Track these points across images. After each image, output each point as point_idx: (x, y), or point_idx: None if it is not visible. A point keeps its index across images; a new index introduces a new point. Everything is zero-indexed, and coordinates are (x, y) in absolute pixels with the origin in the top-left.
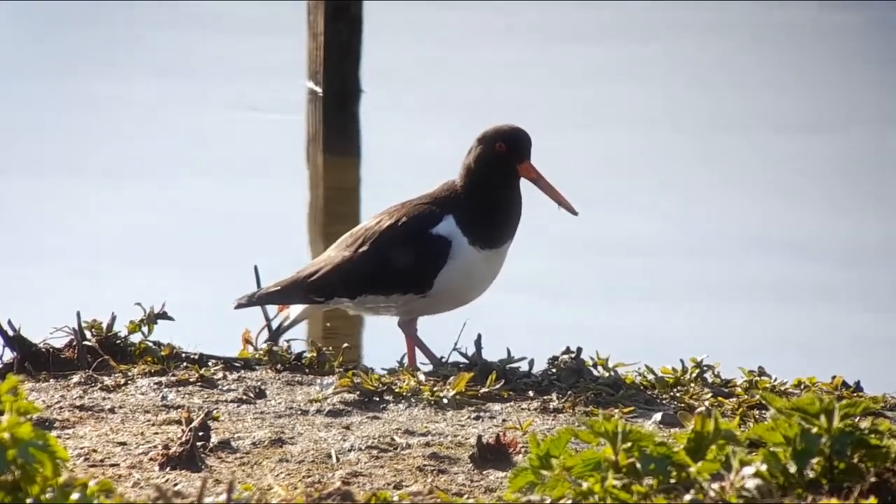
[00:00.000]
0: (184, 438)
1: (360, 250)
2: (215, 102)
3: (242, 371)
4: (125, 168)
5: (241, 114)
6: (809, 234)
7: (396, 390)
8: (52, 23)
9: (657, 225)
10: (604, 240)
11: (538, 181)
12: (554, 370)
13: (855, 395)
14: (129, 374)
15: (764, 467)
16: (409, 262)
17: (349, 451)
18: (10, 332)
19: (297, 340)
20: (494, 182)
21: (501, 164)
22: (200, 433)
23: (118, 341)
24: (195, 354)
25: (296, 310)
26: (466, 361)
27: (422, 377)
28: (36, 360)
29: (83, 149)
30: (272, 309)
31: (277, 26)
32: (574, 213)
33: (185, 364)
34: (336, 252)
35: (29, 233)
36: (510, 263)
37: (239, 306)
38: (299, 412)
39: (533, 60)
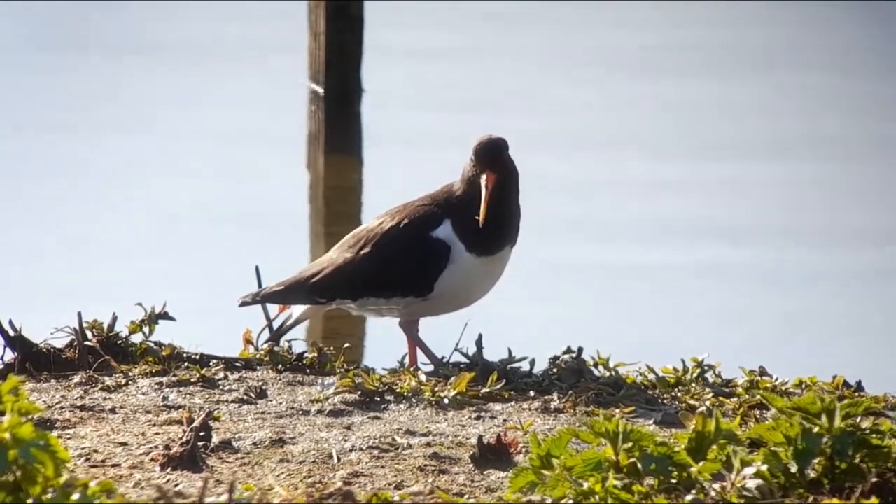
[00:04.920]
0: (185, 439)
1: (362, 252)
2: (215, 102)
3: (243, 371)
4: (125, 168)
5: (241, 113)
6: (814, 226)
7: (397, 390)
8: (51, 17)
9: (656, 224)
10: (604, 239)
11: (482, 189)
12: (555, 370)
13: (856, 394)
14: (130, 374)
15: (765, 467)
16: (410, 264)
17: (350, 451)
18: (11, 333)
19: (298, 340)
20: (475, 191)
21: (475, 173)
22: (201, 433)
23: (119, 341)
24: (196, 355)
25: (297, 310)
26: (467, 361)
27: (423, 377)
28: (37, 361)
29: (83, 148)
30: (273, 309)
31: (278, 26)
32: (480, 224)
33: (186, 364)
34: (338, 253)
35: (30, 233)
36: (513, 264)
37: (243, 304)
38: (300, 412)
39: (536, 58)
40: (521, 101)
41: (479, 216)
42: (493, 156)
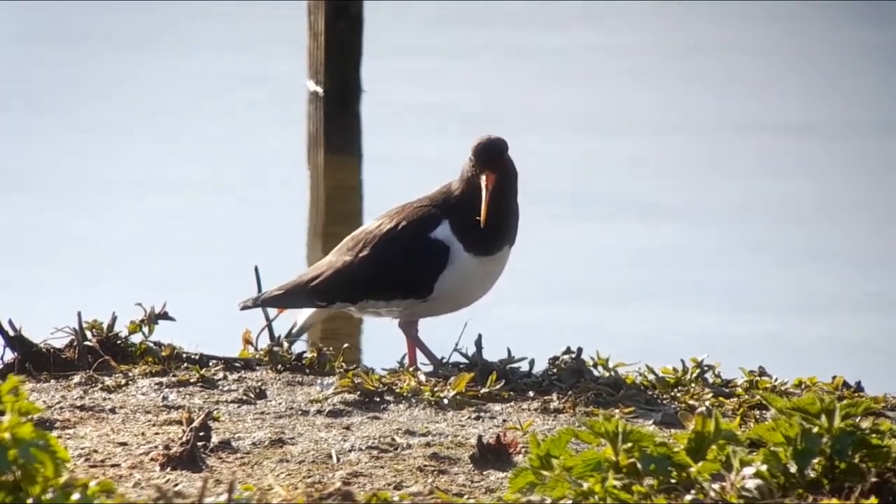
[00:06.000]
0: (184, 439)
1: (361, 255)
2: (215, 102)
3: (243, 371)
4: (125, 167)
5: (241, 113)
6: (808, 237)
7: (397, 391)
8: (52, 23)
9: (656, 225)
10: (604, 240)
11: (483, 191)
12: (554, 370)
13: (856, 395)
14: (130, 374)
15: (764, 467)
16: (409, 266)
17: (349, 451)
18: (11, 333)
19: (298, 341)
20: (475, 192)
21: (474, 173)
22: (201, 433)
23: (119, 341)
24: (196, 355)
25: (303, 315)
26: (467, 362)
27: (422, 377)
28: (37, 361)
29: (83, 147)
30: (273, 310)
31: (278, 26)
32: (481, 224)
33: (185, 364)
34: (337, 256)
35: (30, 233)
36: (513, 264)
37: (244, 308)
38: (300, 412)
39: (538, 58)
40: (523, 100)
41: (480, 217)
42: (492, 156)
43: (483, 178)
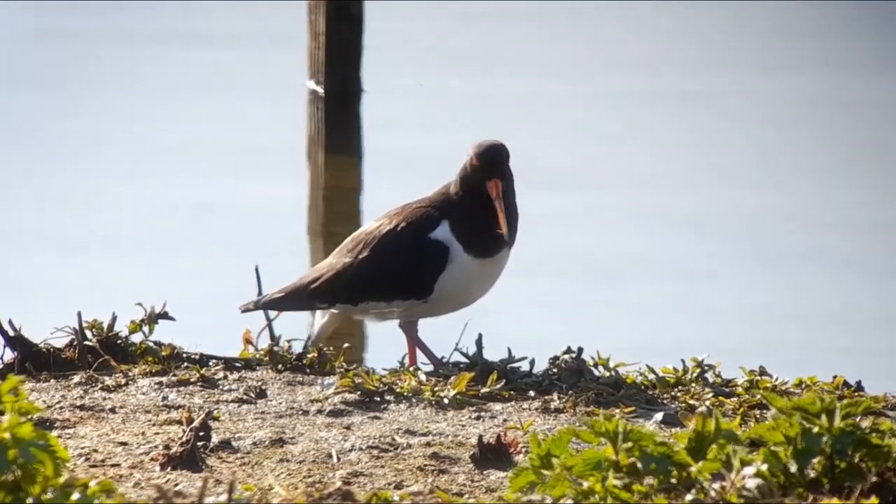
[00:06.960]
0: (185, 438)
1: (361, 256)
2: (215, 102)
3: (243, 371)
4: (125, 167)
5: (241, 113)
6: (806, 237)
7: (397, 390)
8: (53, 22)
9: (655, 225)
10: (604, 240)
11: (494, 201)
12: (555, 370)
13: (856, 394)
14: (130, 374)
15: (765, 467)
16: (409, 267)
17: (350, 451)
18: (11, 332)
19: (298, 340)
20: (474, 194)
21: (476, 178)
22: (201, 433)
23: (119, 341)
24: (196, 354)
25: (316, 325)
26: (467, 361)
27: (423, 377)
28: (37, 360)
29: (83, 147)
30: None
31: (278, 26)
32: (504, 238)
33: (185, 364)
34: (338, 258)
35: (30, 233)
36: (513, 263)
37: (245, 311)
38: (300, 412)
39: (539, 58)
40: (523, 100)
41: (500, 229)
42: (500, 163)
43: (489, 185)
